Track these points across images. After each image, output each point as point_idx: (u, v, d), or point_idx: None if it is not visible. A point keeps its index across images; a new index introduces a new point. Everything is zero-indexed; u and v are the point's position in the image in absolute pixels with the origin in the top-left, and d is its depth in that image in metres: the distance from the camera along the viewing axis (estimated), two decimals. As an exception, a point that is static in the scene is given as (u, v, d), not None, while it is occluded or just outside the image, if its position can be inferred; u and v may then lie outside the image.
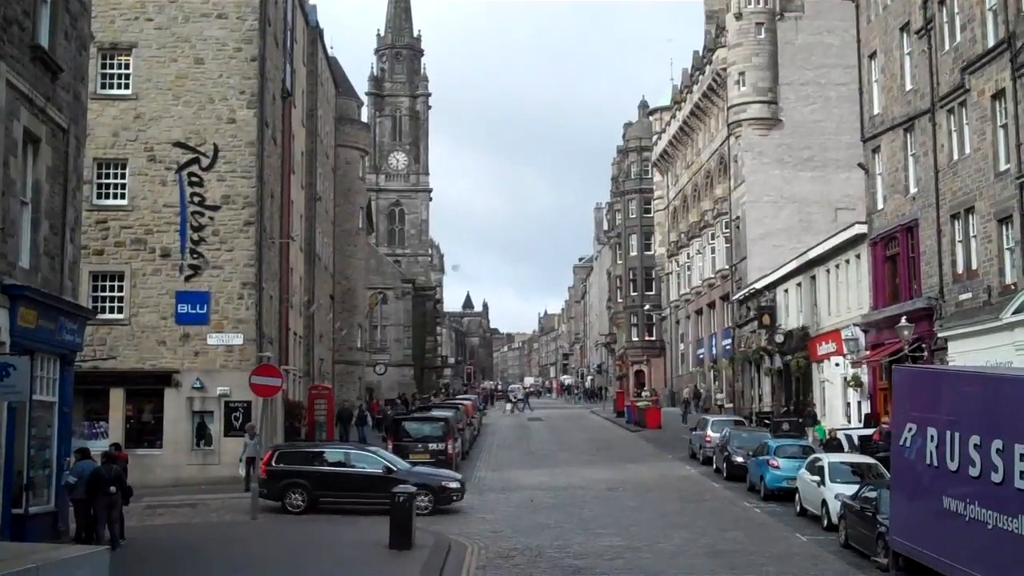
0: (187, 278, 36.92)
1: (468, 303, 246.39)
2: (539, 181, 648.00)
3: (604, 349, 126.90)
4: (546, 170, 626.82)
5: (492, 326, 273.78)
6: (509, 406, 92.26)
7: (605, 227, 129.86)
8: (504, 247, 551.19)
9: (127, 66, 37.51)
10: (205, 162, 37.39)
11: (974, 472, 15.31)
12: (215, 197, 37.35)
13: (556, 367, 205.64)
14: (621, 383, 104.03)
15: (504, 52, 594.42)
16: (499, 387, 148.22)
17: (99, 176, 36.95)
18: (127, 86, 37.48)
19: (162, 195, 37.11)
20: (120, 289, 36.81)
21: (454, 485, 30.58)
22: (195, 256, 37.03)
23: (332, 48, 67.02)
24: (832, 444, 35.50)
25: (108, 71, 37.40)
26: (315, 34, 58.56)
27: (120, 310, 36.74)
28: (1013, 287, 30.78)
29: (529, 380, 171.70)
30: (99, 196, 36.93)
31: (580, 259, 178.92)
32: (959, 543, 15.83)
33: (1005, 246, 31.69)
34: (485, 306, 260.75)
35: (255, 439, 33.04)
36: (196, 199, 37.12)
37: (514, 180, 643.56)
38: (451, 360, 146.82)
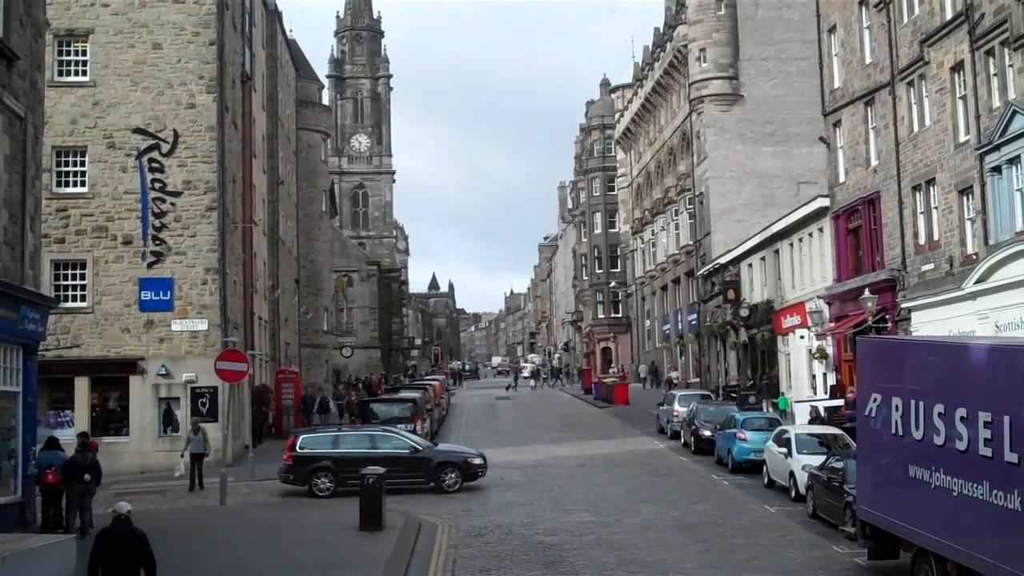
0: (150, 265, 36.71)
1: (434, 283, 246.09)
2: (500, 154, 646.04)
3: (571, 327, 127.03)
4: (506, 142, 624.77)
5: (458, 306, 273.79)
6: (533, 382, 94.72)
7: (569, 205, 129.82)
8: (467, 223, 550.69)
9: (84, 52, 37.15)
10: (165, 148, 37.14)
11: (939, 441, 15.45)
12: (176, 183, 37.11)
13: (523, 346, 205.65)
14: (588, 360, 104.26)
15: (462, 23, 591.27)
16: (467, 367, 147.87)
17: (58, 164, 36.63)
18: (84, 72, 37.11)
19: (123, 182, 36.85)
20: (83, 277, 36.57)
21: (478, 461, 31.20)
22: (157, 243, 36.81)
23: (291, 31, 66.51)
24: (818, 421, 35.17)
25: (65, 58, 37.01)
26: (274, 17, 58.09)
27: (83, 298, 36.51)
28: (975, 257, 31.06)
29: (496, 360, 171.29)
30: (59, 184, 36.62)
31: (545, 238, 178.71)
32: (925, 511, 15.99)
33: (966, 216, 31.97)
34: (451, 286, 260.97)
35: (199, 434, 32.37)
36: (157, 185, 36.87)
37: (475, 154, 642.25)
38: (418, 341, 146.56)
